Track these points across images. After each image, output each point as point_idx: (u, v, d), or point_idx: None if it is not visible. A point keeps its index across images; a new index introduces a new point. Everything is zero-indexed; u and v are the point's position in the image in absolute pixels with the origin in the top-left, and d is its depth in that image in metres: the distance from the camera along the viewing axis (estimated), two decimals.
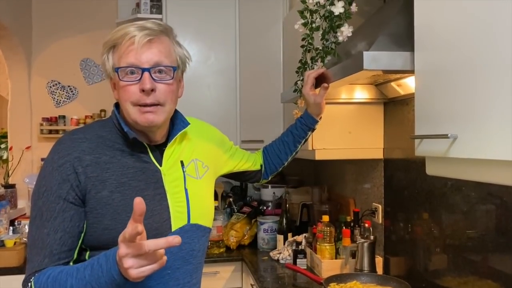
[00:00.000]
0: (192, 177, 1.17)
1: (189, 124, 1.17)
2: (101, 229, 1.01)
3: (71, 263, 1.00)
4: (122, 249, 0.83)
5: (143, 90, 1.01)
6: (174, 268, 1.10)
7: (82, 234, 1.01)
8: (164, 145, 1.13)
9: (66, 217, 0.99)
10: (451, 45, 0.88)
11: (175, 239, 0.83)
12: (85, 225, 1.02)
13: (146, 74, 1.01)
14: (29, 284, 0.96)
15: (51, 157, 1.03)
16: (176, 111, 1.17)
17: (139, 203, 0.81)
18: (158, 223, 1.06)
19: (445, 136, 0.86)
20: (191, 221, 1.12)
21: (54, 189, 0.99)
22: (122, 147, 1.07)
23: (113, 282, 0.87)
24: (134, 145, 1.08)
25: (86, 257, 1.03)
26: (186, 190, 1.13)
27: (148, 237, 1.00)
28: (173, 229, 1.09)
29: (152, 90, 1.01)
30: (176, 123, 1.16)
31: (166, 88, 1.04)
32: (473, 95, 0.81)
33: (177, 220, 1.10)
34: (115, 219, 1.01)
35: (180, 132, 1.14)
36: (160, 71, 1.03)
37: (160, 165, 1.10)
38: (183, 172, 1.15)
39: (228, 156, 1.41)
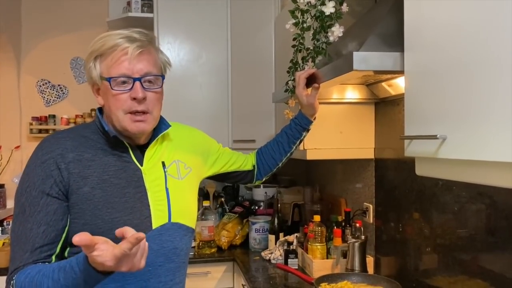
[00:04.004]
0: (174, 178, 1.20)
1: (170, 126, 1.22)
2: (81, 224, 1.04)
3: (53, 257, 1.01)
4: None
5: (134, 99, 1.06)
6: (156, 265, 1.12)
7: (66, 228, 1.03)
8: (145, 145, 1.17)
9: (50, 211, 1.01)
10: (440, 46, 0.88)
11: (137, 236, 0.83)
12: (68, 220, 1.04)
13: (137, 83, 1.06)
14: (12, 282, 0.97)
15: (35, 154, 1.07)
16: None
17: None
18: (138, 219, 1.09)
19: (434, 137, 0.86)
20: (172, 220, 1.16)
21: (37, 184, 1.02)
22: (104, 146, 1.11)
23: (93, 278, 0.89)
24: (116, 145, 1.12)
25: (66, 253, 1.06)
26: (167, 189, 1.17)
27: None
28: (154, 227, 1.12)
29: (144, 98, 1.07)
30: (158, 125, 1.20)
31: (155, 96, 1.10)
32: (462, 96, 0.81)
33: (158, 218, 1.13)
34: (95, 215, 1.04)
35: (162, 134, 1.19)
36: (149, 80, 1.09)
37: (141, 165, 1.15)
38: (164, 172, 1.18)
39: (215, 158, 1.42)
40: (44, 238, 1.00)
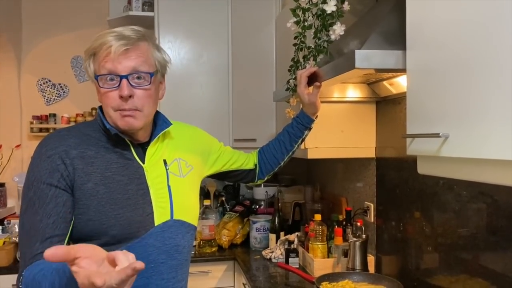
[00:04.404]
0: (176, 175, 1.20)
1: (171, 124, 1.21)
2: (85, 220, 1.04)
3: None
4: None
5: (121, 97, 1.05)
6: (158, 262, 1.12)
7: (72, 222, 1.03)
8: (147, 143, 1.17)
9: (59, 202, 1.01)
10: (443, 44, 0.88)
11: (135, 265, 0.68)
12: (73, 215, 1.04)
13: (124, 81, 1.05)
14: (20, 278, 0.96)
15: (39, 150, 1.07)
16: (158, 113, 1.21)
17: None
18: (141, 216, 1.10)
19: (436, 135, 0.86)
20: (174, 217, 1.16)
21: (44, 177, 1.02)
22: (106, 144, 1.11)
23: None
24: (117, 143, 1.12)
25: None
26: (169, 186, 1.17)
27: (132, 230, 1.07)
28: (156, 224, 1.12)
29: (130, 96, 1.06)
30: (159, 123, 1.20)
31: (144, 93, 1.08)
32: (465, 94, 0.81)
33: (160, 215, 1.13)
34: (99, 211, 1.04)
35: (162, 132, 1.18)
36: (138, 77, 1.07)
37: (143, 163, 1.15)
38: (166, 169, 1.19)
39: (216, 156, 1.42)
40: (54, 229, 0.99)
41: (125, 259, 0.70)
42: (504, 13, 0.70)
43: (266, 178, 1.58)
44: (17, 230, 2.47)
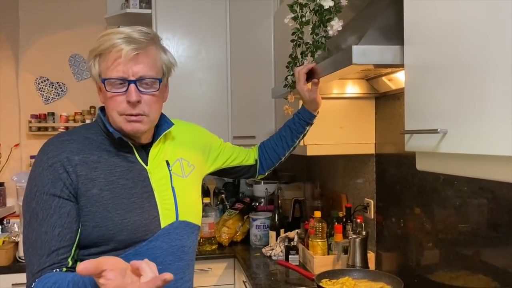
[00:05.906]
0: (178, 176, 1.20)
1: (173, 124, 1.20)
2: (91, 227, 1.03)
3: (69, 260, 1.00)
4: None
5: (129, 102, 1.04)
6: (166, 264, 1.11)
7: (79, 230, 1.02)
8: (149, 145, 1.16)
9: (63, 213, 1.00)
10: (441, 39, 0.87)
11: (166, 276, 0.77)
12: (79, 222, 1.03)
13: (132, 86, 1.03)
14: None
15: (40, 158, 1.04)
16: (160, 113, 1.19)
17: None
18: (147, 219, 1.09)
19: (434, 131, 0.85)
20: (180, 218, 1.15)
21: (47, 187, 1.00)
22: (108, 147, 1.10)
23: None
24: (120, 146, 1.11)
25: (76, 256, 1.04)
26: (173, 188, 1.16)
27: (139, 234, 1.07)
28: (162, 226, 1.11)
29: (138, 101, 1.04)
30: (161, 124, 1.19)
31: (151, 99, 1.07)
32: (463, 90, 0.80)
33: (166, 217, 1.13)
34: (105, 217, 1.03)
35: (165, 133, 1.17)
36: (146, 83, 1.06)
37: (146, 165, 1.13)
38: (169, 171, 1.18)
39: (217, 154, 1.41)
40: (60, 241, 0.98)
41: (149, 269, 0.77)
42: (501, 9, 0.69)
43: (266, 174, 1.57)
44: (16, 229, 2.48)
